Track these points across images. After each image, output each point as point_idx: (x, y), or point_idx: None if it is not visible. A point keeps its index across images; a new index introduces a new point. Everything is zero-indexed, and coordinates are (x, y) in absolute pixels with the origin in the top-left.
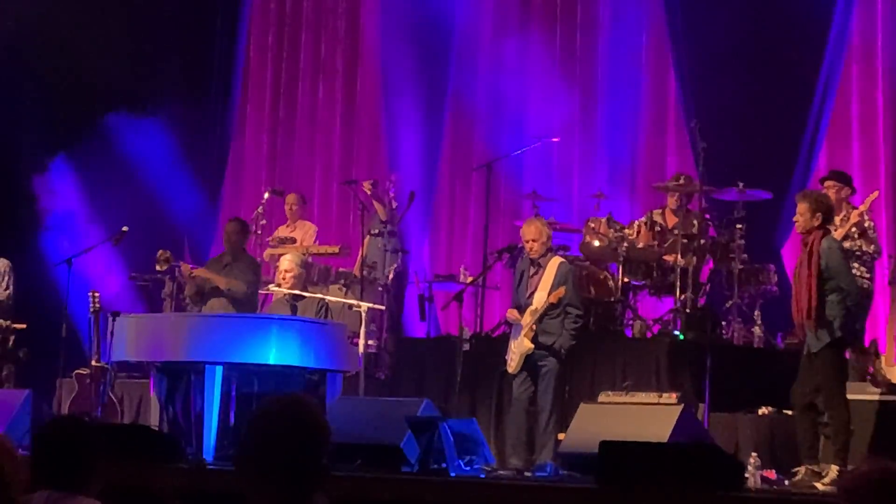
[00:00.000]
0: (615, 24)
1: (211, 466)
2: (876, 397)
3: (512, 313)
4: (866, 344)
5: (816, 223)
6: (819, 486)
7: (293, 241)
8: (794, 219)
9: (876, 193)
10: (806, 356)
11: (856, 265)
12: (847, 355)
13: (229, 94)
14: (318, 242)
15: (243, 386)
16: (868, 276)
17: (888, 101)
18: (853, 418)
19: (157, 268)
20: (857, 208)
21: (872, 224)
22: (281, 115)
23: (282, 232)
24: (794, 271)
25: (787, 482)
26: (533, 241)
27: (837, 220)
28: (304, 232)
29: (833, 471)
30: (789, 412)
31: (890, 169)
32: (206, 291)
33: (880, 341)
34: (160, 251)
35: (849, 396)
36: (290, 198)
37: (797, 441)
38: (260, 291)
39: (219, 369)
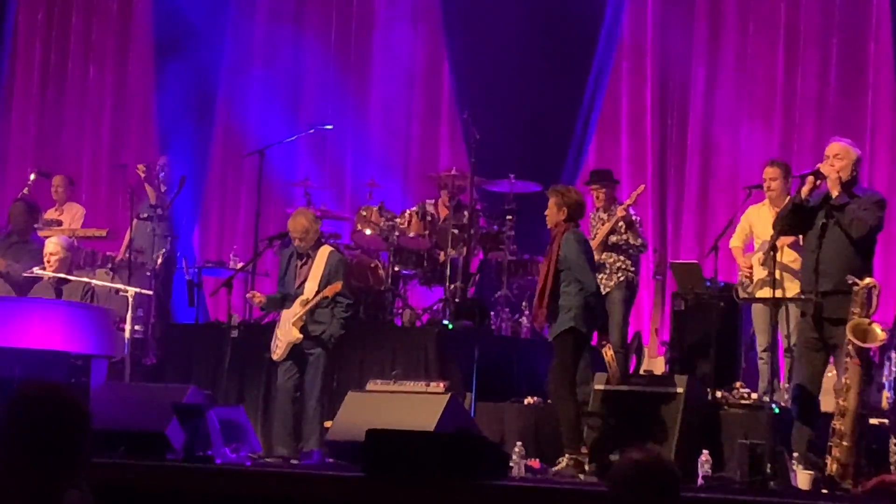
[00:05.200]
0: (390, 13)
1: None
2: (617, 387)
3: (253, 295)
4: (629, 338)
5: (562, 217)
6: (582, 476)
7: (59, 223)
8: (546, 213)
9: (642, 188)
10: None
11: (622, 258)
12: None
13: None
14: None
15: (3, 370)
16: (633, 269)
17: (656, 98)
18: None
19: None
20: (622, 203)
21: (639, 218)
22: (49, 95)
23: (49, 215)
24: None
25: (551, 471)
26: (300, 239)
27: (605, 215)
28: (73, 214)
29: (563, 461)
30: None
31: (656, 164)
32: None
33: (644, 334)
34: None
35: (600, 387)
36: (57, 180)
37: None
38: (24, 274)
39: None
